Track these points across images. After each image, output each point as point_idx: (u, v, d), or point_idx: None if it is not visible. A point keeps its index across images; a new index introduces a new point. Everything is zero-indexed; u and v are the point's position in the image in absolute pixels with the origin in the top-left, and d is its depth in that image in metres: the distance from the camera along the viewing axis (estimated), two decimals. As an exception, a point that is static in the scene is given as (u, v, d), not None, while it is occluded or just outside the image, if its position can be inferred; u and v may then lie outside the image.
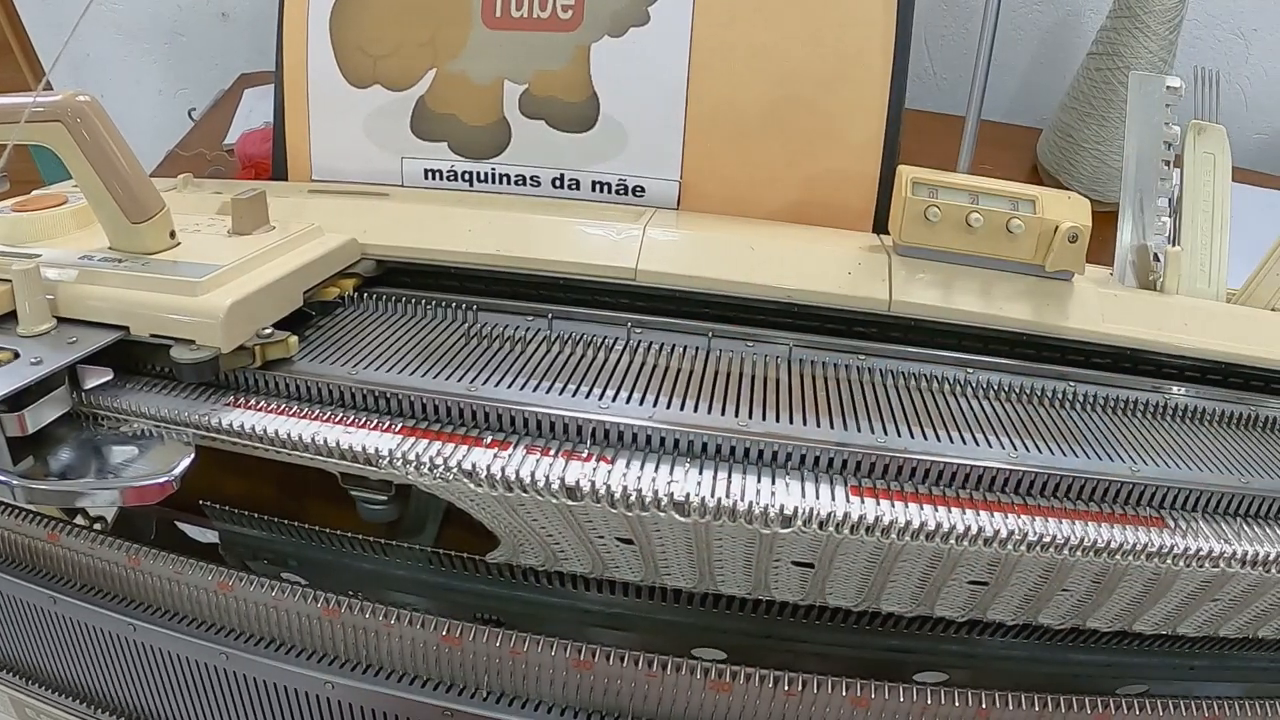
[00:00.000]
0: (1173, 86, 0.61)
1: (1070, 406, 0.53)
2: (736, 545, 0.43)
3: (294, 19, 0.79)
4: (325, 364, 0.51)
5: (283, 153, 0.81)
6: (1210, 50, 1.26)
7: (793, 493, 0.43)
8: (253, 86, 1.42)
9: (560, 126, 0.74)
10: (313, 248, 0.58)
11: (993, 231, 0.55)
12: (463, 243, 0.61)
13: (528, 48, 0.74)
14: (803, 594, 0.47)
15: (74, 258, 0.54)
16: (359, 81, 0.77)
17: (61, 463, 0.47)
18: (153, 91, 1.70)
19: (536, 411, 0.47)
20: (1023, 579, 0.44)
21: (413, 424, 0.48)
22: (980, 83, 1.01)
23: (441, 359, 0.52)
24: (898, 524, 0.41)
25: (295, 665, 0.51)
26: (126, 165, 0.54)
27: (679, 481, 0.43)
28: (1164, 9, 1.00)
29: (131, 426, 0.50)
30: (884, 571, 0.44)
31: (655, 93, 0.72)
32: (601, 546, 0.46)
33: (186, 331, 0.49)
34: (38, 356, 0.47)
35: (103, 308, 0.51)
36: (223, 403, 0.49)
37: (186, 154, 1.27)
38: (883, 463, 0.45)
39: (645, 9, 0.71)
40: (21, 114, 0.51)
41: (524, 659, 0.49)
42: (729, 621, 0.49)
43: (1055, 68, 1.31)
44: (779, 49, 0.70)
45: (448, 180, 0.77)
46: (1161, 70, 1.03)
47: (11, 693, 0.62)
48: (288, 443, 0.46)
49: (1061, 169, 1.13)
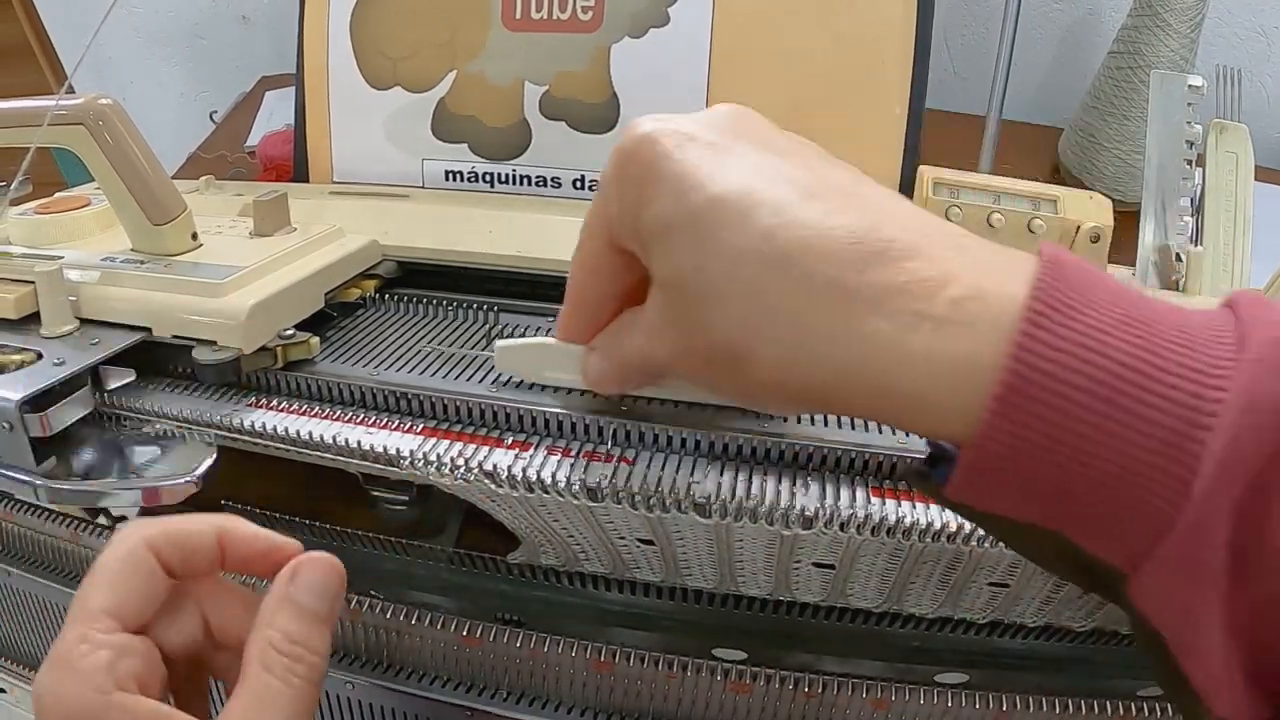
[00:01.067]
0: (1194, 85, 0.61)
1: (1092, 407, 0.53)
2: (757, 546, 0.43)
3: (314, 21, 0.79)
4: (346, 365, 0.51)
5: (304, 154, 0.81)
6: (1232, 48, 1.25)
7: (813, 494, 0.43)
8: (273, 89, 1.43)
9: (581, 128, 0.74)
10: (334, 249, 0.58)
11: (1015, 232, 0.55)
12: (484, 244, 0.62)
13: (548, 49, 0.74)
14: (824, 595, 0.47)
15: (96, 259, 0.54)
16: (379, 83, 0.78)
17: (84, 463, 0.47)
18: (174, 94, 1.71)
19: (558, 412, 0.47)
20: (1044, 580, 0.44)
21: (434, 425, 0.48)
22: (1001, 82, 1.00)
23: (463, 360, 0.52)
24: (919, 526, 0.41)
25: (317, 665, 0.51)
26: (148, 167, 0.54)
27: (700, 483, 0.43)
28: (1185, 7, 0.99)
29: (153, 427, 0.50)
30: (905, 573, 0.44)
31: (676, 94, 0.72)
32: (623, 547, 0.46)
33: (208, 333, 0.49)
34: (60, 357, 0.47)
35: (125, 309, 0.51)
36: (244, 403, 0.50)
37: (208, 156, 1.28)
38: (904, 464, 0.45)
39: (665, 10, 0.71)
40: (44, 117, 0.52)
41: (544, 659, 0.49)
42: (750, 622, 0.49)
43: (1076, 67, 1.30)
44: (799, 49, 0.70)
45: (468, 182, 0.77)
46: (1183, 69, 1.02)
47: (35, 691, 0.62)
48: (309, 443, 0.46)
49: (1083, 169, 1.12)
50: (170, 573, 0.36)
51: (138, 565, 0.35)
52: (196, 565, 0.37)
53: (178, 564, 0.36)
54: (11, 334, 0.50)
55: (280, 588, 0.36)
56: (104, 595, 0.34)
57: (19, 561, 0.60)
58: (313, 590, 0.36)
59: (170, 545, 0.36)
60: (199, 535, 0.37)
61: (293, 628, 0.35)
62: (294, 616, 0.35)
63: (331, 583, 0.36)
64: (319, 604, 0.36)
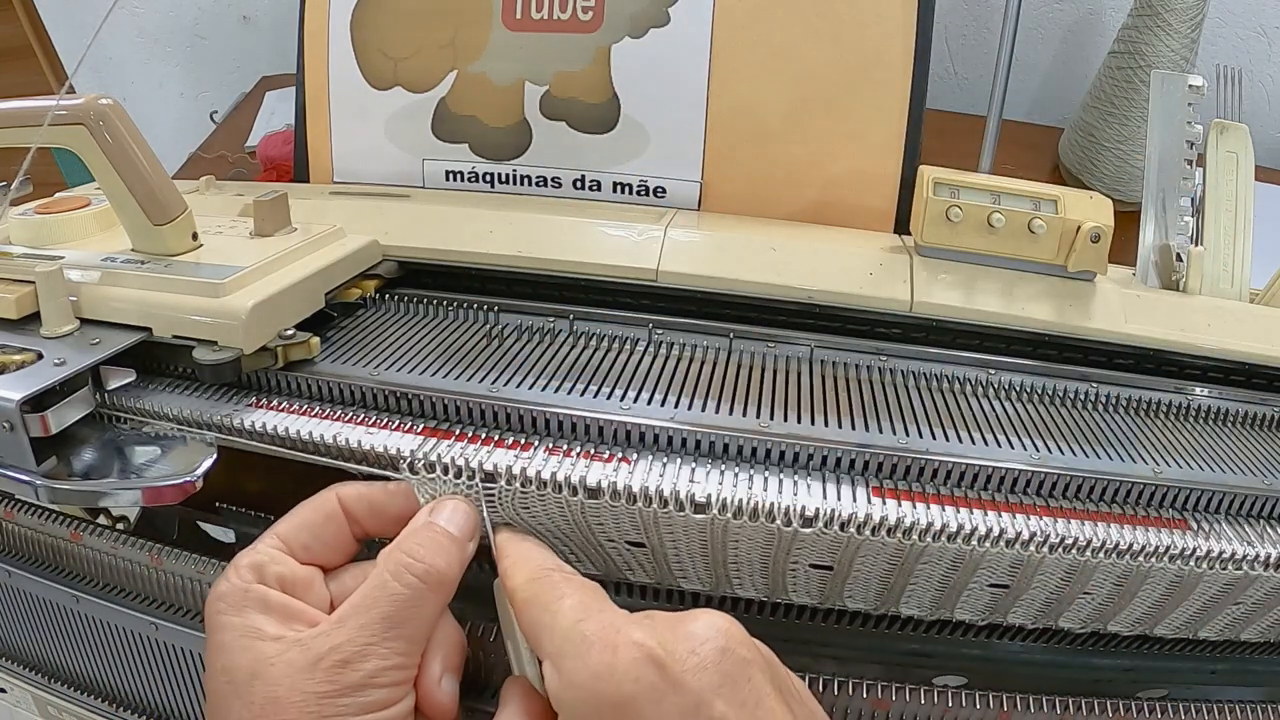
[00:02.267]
0: (1195, 85, 0.61)
1: (1092, 407, 0.53)
2: (754, 547, 0.43)
3: (315, 21, 0.79)
4: (347, 365, 0.51)
5: (304, 155, 0.81)
6: (1232, 48, 1.25)
7: (814, 494, 0.43)
8: (274, 89, 1.43)
9: (581, 128, 0.74)
10: (334, 249, 0.58)
11: (1015, 232, 0.55)
12: (484, 244, 0.62)
13: (548, 49, 0.74)
14: (821, 597, 0.47)
15: (97, 259, 0.54)
16: (380, 83, 0.78)
17: (84, 463, 0.47)
18: (174, 94, 1.72)
19: (558, 412, 0.47)
20: (1044, 582, 0.44)
21: (434, 425, 0.48)
22: (1001, 82, 1.00)
23: (463, 360, 0.52)
24: (919, 525, 0.41)
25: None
26: (149, 168, 0.54)
27: (700, 483, 0.43)
28: (1185, 7, 1.00)
29: (154, 427, 0.50)
30: (904, 574, 0.44)
31: (676, 94, 0.72)
32: (612, 549, 0.46)
33: (209, 333, 0.49)
34: (61, 358, 0.47)
35: (125, 309, 0.51)
36: (245, 404, 0.50)
37: (208, 156, 1.28)
38: (904, 464, 0.45)
39: (665, 10, 0.71)
40: (44, 117, 0.52)
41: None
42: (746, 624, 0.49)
43: (1076, 67, 1.30)
44: (799, 49, 0.70)
45: (469, 182, 0.77)
46: (1183, 68, 1.02)
47: (35, 691, 0.62)
48: (309, 444, 0.46)
49: (1083, 168, 1.12)
50: (359, 524, 0.45)
51: (318, 507, 0.44)
52: (384, 525, 0.45)
53: (367, 520, 0.45)
54: (12, 334, 0.50)
55: (421, 516, 0.43)
56: (282, 524, 0.44)
57: (19, 561, 0.60)
58: (443, 511, 0.43)
59: (360, 502, 0.45)
60: (391, 496, 0.45)
61: (420, 537, 0.42)
62: (421, 529, 0.42)
63: (461, 508, 0.44)
64: (449, 523, 0.43)
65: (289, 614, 0.40)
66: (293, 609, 0.41)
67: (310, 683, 0.37)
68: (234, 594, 0.40)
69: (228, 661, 0.39)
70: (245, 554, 0.42)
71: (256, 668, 0.38)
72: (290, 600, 0.41)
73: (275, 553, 0.42)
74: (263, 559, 0.42)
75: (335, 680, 0.38)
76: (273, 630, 0.39)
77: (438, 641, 0.42)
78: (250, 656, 0.38)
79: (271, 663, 0.38)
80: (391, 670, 0.39)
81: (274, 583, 0.41)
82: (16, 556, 0.60)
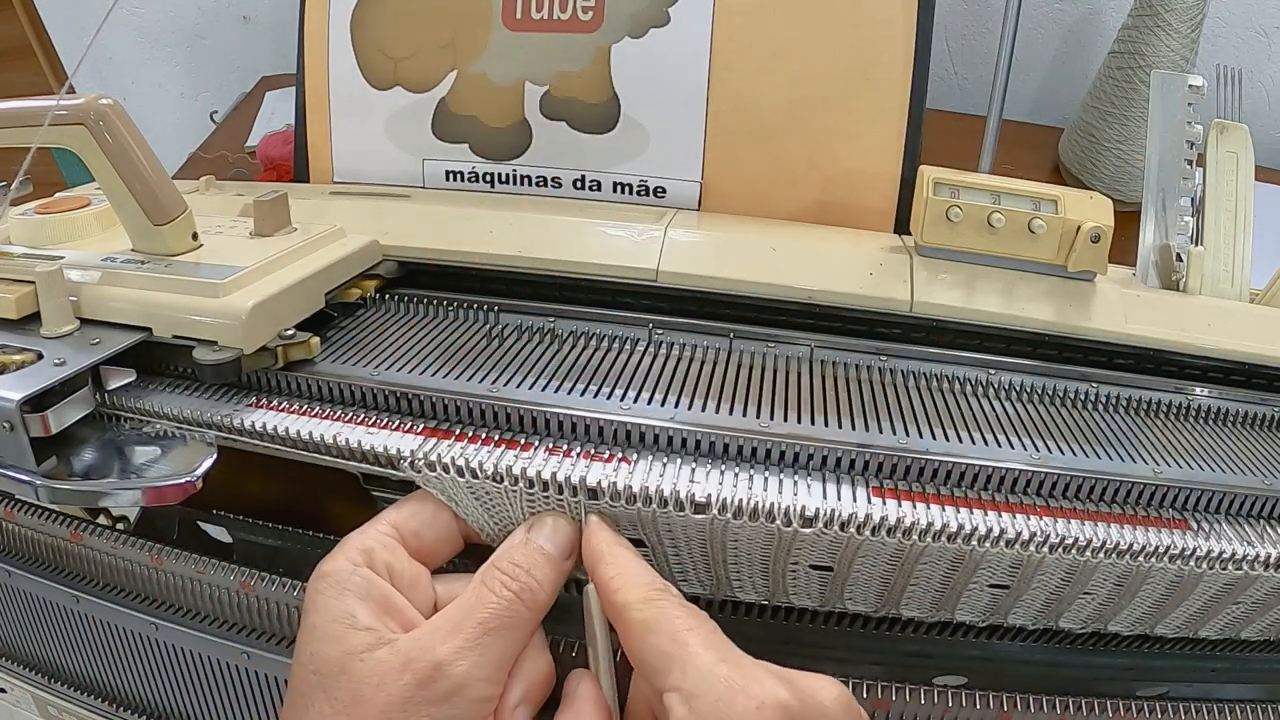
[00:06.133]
0: (1195, 85, 0.61)
1: (1093, 407, 0.53)
2: (754, 548, 0.43)
3: (315, 22, 0.79)
4: (347, 365, 0.51)
5: (304, 155, 0.81)
6: (1232, 48, 1.25)
7: (814, 494, 0.43)
8: (274, 89, 1.43)
9: (581, 128, 0.74)
10: (335, 249, 0.58)
11: (1015, 232, 0.55)
12: (484, 244, 0.62)
13: (548, 49, 0.74)
14: (822, 600, 0.47)
15: (97, 259, 0.54)
16: (380, 83, 0.78)
17: (84, 463, 0.47)
18: (175, 94, 1.72)
19: (558, 412, 0.47)
20: (1044, 582, 0.44)
21: (434, 425, 0.48)
22: (1001, 82, 1.00)
23: (463, 360, 0.52)
24: (919, 526, 0.41)
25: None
26: (149, 168, 0.54)
27: (700, 483, 0.43)
28: (1185, 7, 1.00)
29: (154, 427, 0.50)
30: (904, 575, 0.44)
31: (676, 94, 0.72)
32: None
33: (209, 333, 0.49)
34: (61, 358, 0.47)
35: (125, 309, 0.51)
36: (245, 404, 0.50)
37: (208, 156, 1.28)
38: (904, 464, 0.45)
39: (665, 10, 0.71)
40: (44, 117, 0.52)
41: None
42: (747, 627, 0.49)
43: (1077, 67, 1.30)
44: (799, 49, 0.70)
45: (469, 182, 0.77)
46: (1183, 68, 1.02)
47: (35, 691, 0.62)
48: (310, 444, 0.46)
49: (1083, 168, 1.12)
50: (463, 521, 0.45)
51: (428, 496, 0.45)
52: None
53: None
54: (12, 334, 0.50)
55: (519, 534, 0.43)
56: (395, 511, 0.44)
57: (19, 561, 0.60)
58: (542, 529, 0.43)
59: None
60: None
61: (517, 554, 0.42)
62: (518, 545, 0.43)
63: (561, 526, 0.43)
64: (547, 541, 0.43)
65: (388, 607, 0.40)
66: (393, 603, 0.40)
67: (398, 685, 0.37)
68: (339, 574, 0.40)
69: (316, 649, 0.39)
70: (356, 536, 0.42)
71: (345, 661, 0.38)
72: (393, 593, 0.41)
73: (387, 539, 0.42)
74: (373, 544, 0.42)
75: (425, 686, 0.37)
76: (366, 620, 0.39)
77: (525, 670, 0.41)
78: (339, 648, 0.38)
79: (361, 658, 0.38)
80: (481, 684, 0.39)
81: (382, 570, 0.41)
82: (16, 556, 0.60)
